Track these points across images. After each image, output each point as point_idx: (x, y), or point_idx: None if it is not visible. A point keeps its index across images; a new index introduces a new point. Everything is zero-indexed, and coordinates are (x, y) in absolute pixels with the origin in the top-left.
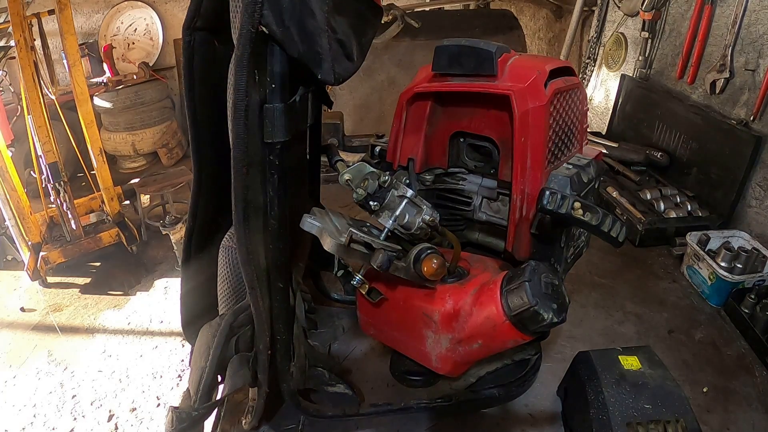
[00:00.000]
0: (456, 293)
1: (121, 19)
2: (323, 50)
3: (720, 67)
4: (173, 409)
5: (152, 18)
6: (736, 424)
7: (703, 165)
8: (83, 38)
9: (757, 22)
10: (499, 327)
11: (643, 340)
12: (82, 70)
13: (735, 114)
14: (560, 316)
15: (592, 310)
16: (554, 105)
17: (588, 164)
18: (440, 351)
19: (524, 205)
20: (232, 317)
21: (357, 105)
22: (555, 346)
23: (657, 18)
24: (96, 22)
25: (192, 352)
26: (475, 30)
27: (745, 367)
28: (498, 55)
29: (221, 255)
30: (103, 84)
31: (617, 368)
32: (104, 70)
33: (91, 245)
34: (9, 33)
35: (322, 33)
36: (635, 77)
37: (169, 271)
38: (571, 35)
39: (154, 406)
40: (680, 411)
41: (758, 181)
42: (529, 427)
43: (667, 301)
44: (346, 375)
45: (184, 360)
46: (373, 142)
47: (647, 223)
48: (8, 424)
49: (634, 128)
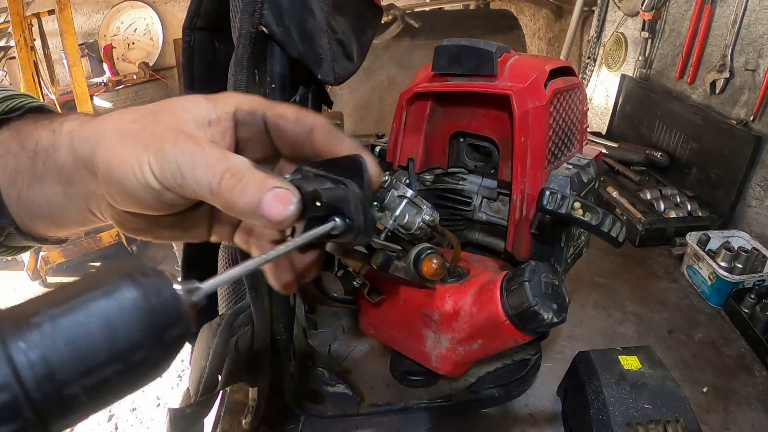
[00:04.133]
0: (456, 293)
1: (121, 19)
2: (323, 50)
3: (720, 67)
4: (170, 409)
5: (152, 18)
6: (736, 424)
7: (703, 165)
8: (83, 38)
9: (757, 22)
10: (499, 327)
11: (643, 340)
12: (82, 70)
13: (735, 114)
14: (560, 316)
15: (592, 310)
16: (554, 105)
17: (588, 164)
18: (440, 351)
19: (524, 205)
20: (232, 317)
21: (357, 105)
22: (555, 346)
23: (657, 18)
24: (96, 22)
25: (192, 352)
26: (475, 30)
27: (745, 367)
28: (498, 55)
29: (221, 255)
30: (103, 84)
31: (617, 368)
32: (104, 70)
33: (91, 245)
34: (9, 33)
35: (322, 33)
36: (635, 77)
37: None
38: (571, 35)
39: (154, 406)
40: (680, 411)
41: (758, 181)
42: (529, 427)
43: (667, 301)
44: (346, 375)
45: (184, 360)
46: (373, 142)
47: (647, 223)
48: None
49: (634, 128)
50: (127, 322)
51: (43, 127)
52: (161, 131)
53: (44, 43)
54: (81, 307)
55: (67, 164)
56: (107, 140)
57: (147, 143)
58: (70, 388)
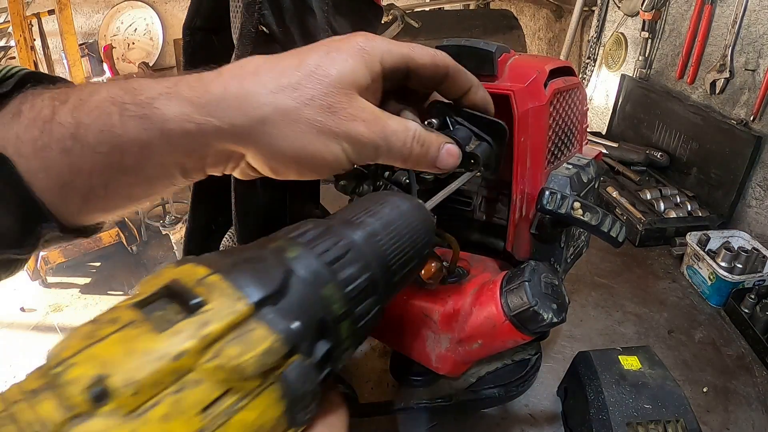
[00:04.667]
0: (456, 293)
1: (121, 19)
2: None
3: (720, 67)
4: None
5: (152, 18)
6: (736, 424)
7: (703, 165)
8: (83, 38)
9: (757, 22)
10: (499, 327)
11: (643, 340)
12: (82, 70)
13: (735, 114)
14: (560, 316)
15: (592, 310)
16: (554, 105)
17: (588, 164)
18: (440, 351)
19: (524, 204)
20: None
21: None
22: (555, 346)
23: (657, 18)
24: (96, 22)
25: None
26: (475, 30)
27: (745, 367)
28: (498, 54)
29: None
30: None
31: (617, 368)
32: (104, 70)
33: (91, 245)
34: (9, 33)
35: (322, 32)
36: (635, 77)
37: None
38: (571, 35)
39: None
40: (680, 411)
41: (758, 181)
42: (529, 427)
43: (667, 301)
44: (346, 375)
45: None
46: None
47: (647, 223)
48: None
49: (634, 128)
50: (417, 224)
51: (115, 110)
52: (344, 116)
53: (44, 43)
54: (387, 213)
55: (184, 139)
56: (273, 123)
57: (335, 132)
58: (395, 274)
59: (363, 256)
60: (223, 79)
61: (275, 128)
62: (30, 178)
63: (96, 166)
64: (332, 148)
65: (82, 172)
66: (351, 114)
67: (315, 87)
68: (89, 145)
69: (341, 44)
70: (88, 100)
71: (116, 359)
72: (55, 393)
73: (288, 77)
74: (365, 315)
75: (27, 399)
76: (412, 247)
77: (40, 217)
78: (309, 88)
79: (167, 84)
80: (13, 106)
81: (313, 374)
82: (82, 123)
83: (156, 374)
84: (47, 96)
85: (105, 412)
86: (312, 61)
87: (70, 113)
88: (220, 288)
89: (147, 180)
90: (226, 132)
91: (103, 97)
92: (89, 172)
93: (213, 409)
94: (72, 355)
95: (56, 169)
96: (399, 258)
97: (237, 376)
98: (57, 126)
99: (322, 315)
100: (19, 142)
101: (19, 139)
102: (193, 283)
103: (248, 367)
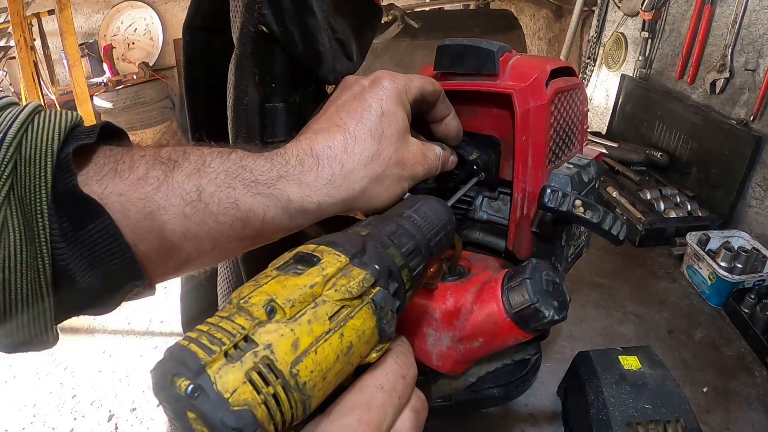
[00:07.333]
0: (457, 291)
1: (121, 19)
2: (324, 49)
3: (720, 67)
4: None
5: (152, 18)
6: (736, 424)
7: (703, 165)
8: (83, 38)
9: (757, 22)
10: (500, 324)
11: (643, 340)
12: (82, 70)
13: (735, 114)
14: (561, 314)
15: (592, 310)
16: (555, 104)
17: (588, 164)
18: (441, 349)
19: (525, 203)
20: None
21: None
22: (555, 346)
23: (657, 18)
24: (96, 22)
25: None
26: (475, 30)
27: (745, 367)
28: (500, 54)
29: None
30: (103, 84)
31: (617, 368)
32: (104, 70)
33: None
34: (9, 33)
35: (322, 32)
36: (635, 77)
37: None
38: (571, 35)
39: (154, 406)
40: (680, 411)
41: (758, 181)
42: (529, 427)
43: (667, 301)
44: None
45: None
46: None
47: (647, 223)
48: (8, 424)
49: (634, 128)
50: (443, 213)
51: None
52: (409, 164)
53: (44, 43)
54: (423, 208)
55: (303, 215)
56: (371, 188)
57: (405, 177)
58: (430, 241)
59: (408, 231)
60: (329, 163)
61: (372, 191)
62: (135, 238)
63: (212, 232)
64: (404, 187)
65: (197, 238)
66: (411, 159)
67: (388, 149)
68: (212, 214)
69: (379, 93)
70: (204, 170)
71: (278, 291)
72: (244, 312)
73: (369, 149)
74: (416, 267)
75: (225, 319)
76: (442, 228)
77: (132, 276)
78: (385, 151)
79: (279, 168)
80: (100, 159)
81: (390, 301)
82: (204, 191)
83: (302, 296)
84: (149, 156)
85: (275, 320)
86: (376, 127)
87: (188, 179)
88: (328, 251)
89: (252, 244)
90: (338, 205)
91: (218, 170)
92: (203, 237)
93: (335, 317)
94: (249, 293)
95: (168, 232)
96: (433, 233)
97: (348, 296)
98: (173, 190)
99: (389, 265)
100: (123, 199)
101: (123, 197)
102: (311, 251)
103: (353, 289)
